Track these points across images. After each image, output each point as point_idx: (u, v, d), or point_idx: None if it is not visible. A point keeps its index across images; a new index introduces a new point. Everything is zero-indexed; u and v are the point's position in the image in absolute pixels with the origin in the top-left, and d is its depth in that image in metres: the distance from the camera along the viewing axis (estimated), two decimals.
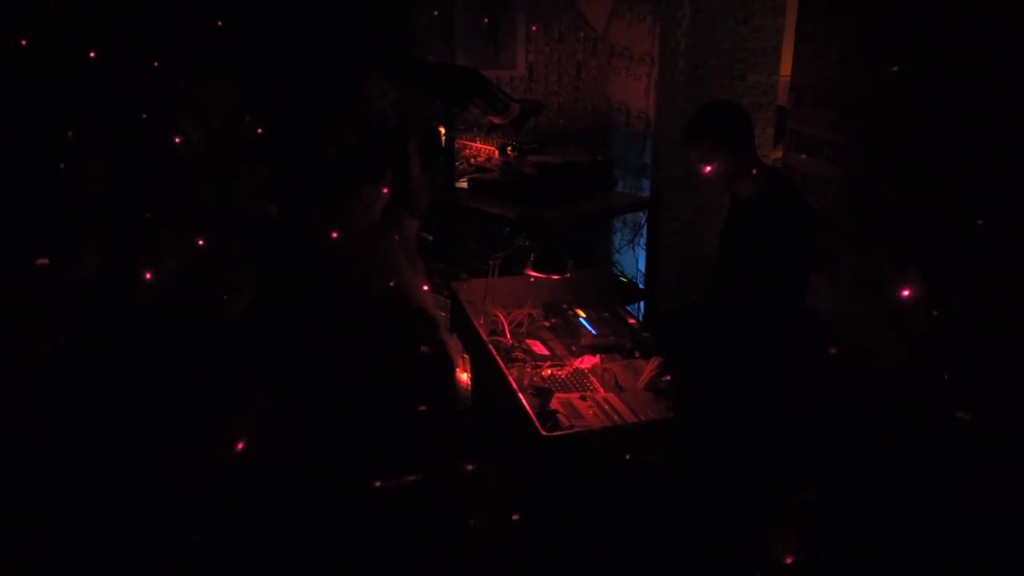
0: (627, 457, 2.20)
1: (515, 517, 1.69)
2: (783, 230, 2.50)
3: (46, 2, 2.83)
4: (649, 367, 2.62)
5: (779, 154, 3.68)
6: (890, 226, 2.64)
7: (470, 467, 1.84)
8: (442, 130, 3.64)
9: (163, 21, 2.93)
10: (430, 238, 3.32)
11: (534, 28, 4.35)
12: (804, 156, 3.07)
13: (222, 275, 2.42)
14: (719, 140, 2.58)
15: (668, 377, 2.54)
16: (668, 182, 3.95)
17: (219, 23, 3.18)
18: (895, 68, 2.51)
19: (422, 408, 1.74)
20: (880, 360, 2.64)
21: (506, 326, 2.93)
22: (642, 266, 4.03)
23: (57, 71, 2.63)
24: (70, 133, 2.39)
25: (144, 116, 2.60)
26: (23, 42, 2.68)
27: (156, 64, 2.81)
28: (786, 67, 3.59)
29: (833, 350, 2.60)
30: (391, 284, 3.02)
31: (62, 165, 2.23)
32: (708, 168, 2.60)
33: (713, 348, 2.55)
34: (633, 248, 4.22)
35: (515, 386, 2.53)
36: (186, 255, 2.37)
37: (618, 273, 4.11)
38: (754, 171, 2.61)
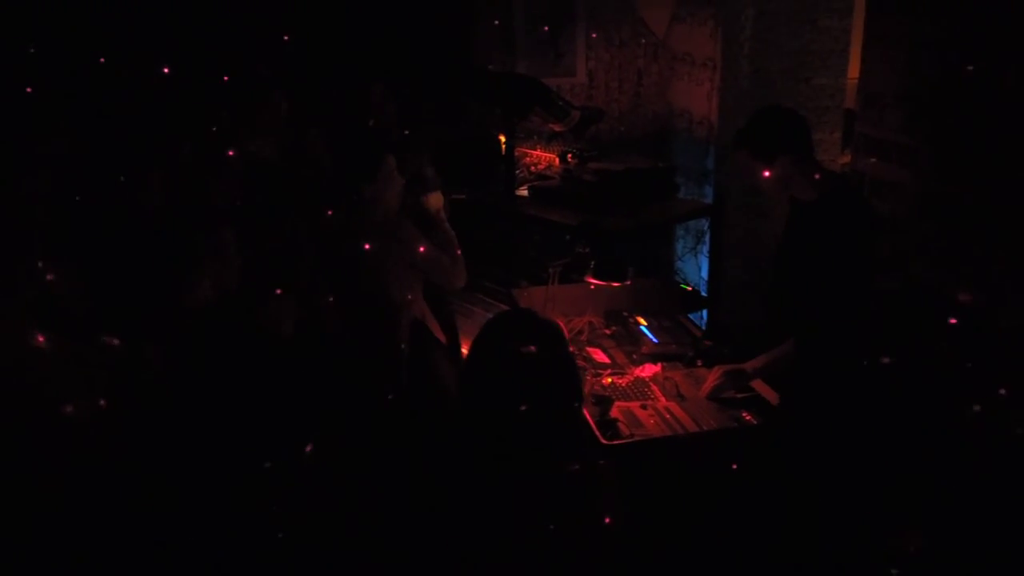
0: (734, 467, 2.17)
1: (607, 521, 1.69)
2: (844, 234, 2.44)
3: (125, 24, 2.95)
4: (712, 376, 2.57)
5: (847, 158, 3.58)
6: (963, 231, 2.54)
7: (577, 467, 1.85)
8: (502, 138, 3.66)
9: (225, 37, 3.03)
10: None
11: (594, 35, 4.34)
12: (873, 160, 2.98)
13: (287, 280, 2.47)
14: (773, 145, 2.53)
15: (734, 393, 2.51)
16: (731, 188, 3.89)
17: (285, 38, 3.27)
18: (969, 67, 2.42)
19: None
20: (947, 371, 2.54)
21: (567, 334, 2.92)
22: (705, 274, 3.97)
23: (136, 88, 2.76)
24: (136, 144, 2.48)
25: (204, 128, 2.68)
26: (101, 60, 2.80)
27: (224, 79, 2.90)
28: (854, 69, 3.50)
29: (892, 360, 2.51)
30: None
31: (123, 176, 2.32)
32: (766, 173, 2.55)
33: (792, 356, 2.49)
34: (695, 255, 4.16)
35: None
36: (245, 260, 2.43)
37: (680, 281, 4.06)
38: (816, 176, 2.56)
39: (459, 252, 2.90)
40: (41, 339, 1.80)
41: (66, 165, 2.22)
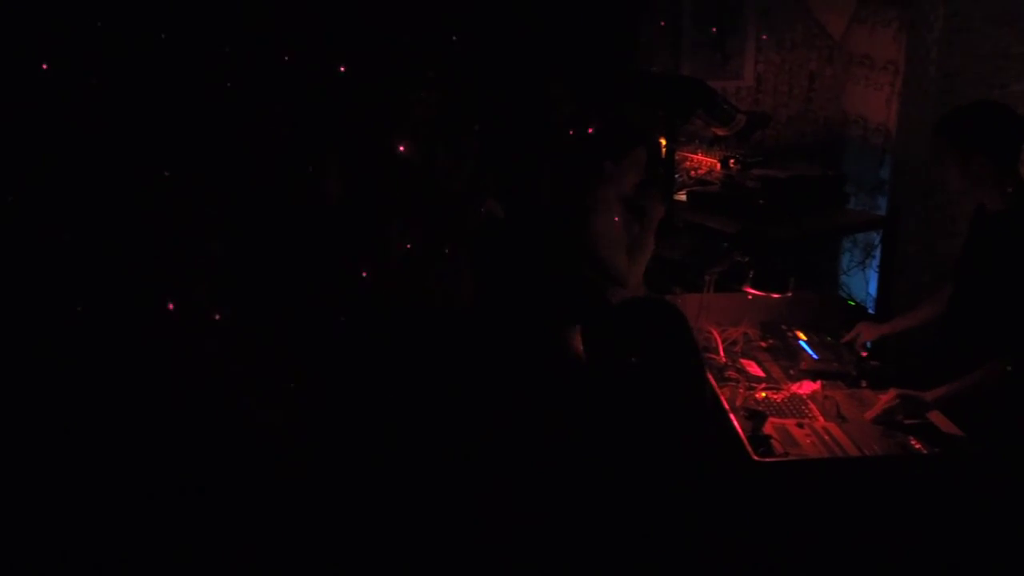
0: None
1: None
2: None
3: (300, 27, 3.14)
4: (884, 398, 2.40)
5: None
6: None
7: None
8: (663, 142, 3.60)
9: (390, 35, 3.15)
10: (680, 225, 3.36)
11: (764, 36, 4.19)
12: None
13: (441, 270, 2.56)
14: (974, 139, 2.33)
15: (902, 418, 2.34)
16: (908, 200, 3.64)
17: (453, 38, 3.36)
18: None
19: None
20: None
21: (720, 344, 2.84)
22: (873, 290, 3.74)
23: (312, 86, 2.92)
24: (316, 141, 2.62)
25: (370, 124, 2.80)
26: (286, 58, 2.98)
27: (386, 75, 3.02)
28: None
29: None
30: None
31: (311, 169, 2.45)
32: (960, 171, 2.36)
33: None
34: (864, 270, 3.94)
35: (727, 406, 2.43)
36: (407, 251, 2.52)
37: (845, 296, 3.85)
38: (1008, 189, 2.34)
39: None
40: (218, 317, 1.92)
41: (254, 159, 2.38)
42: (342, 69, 2.96)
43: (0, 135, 2.07)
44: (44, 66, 2.16)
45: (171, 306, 1.80)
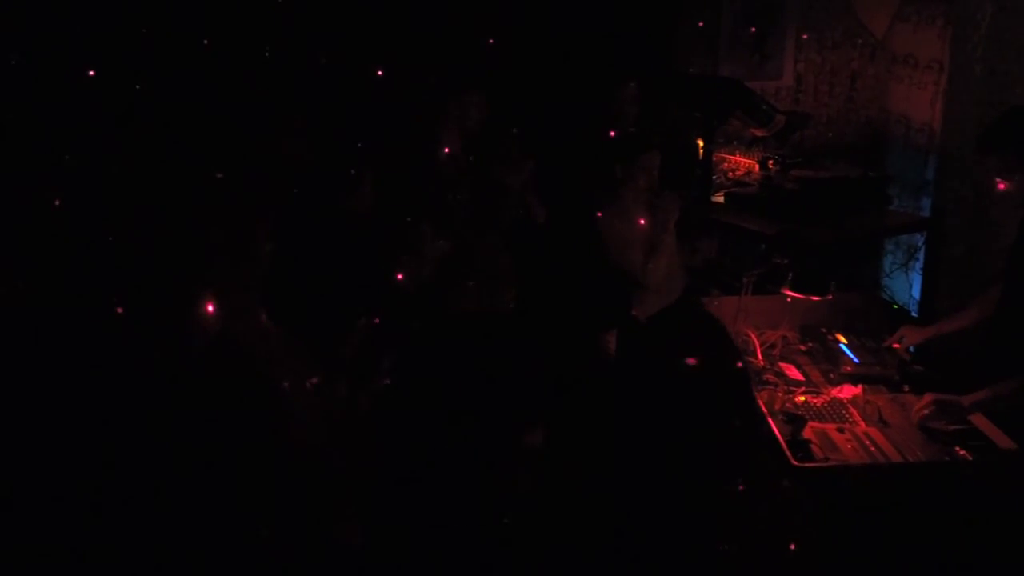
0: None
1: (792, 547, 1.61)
2: None
3: (348, 32, 3.18)
4: (922, 403, 2.36)
5: None
6: None
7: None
8: (700, 143, 3.57)
9: (433, 38, 3.18)
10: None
11: (804, 36, 4.13)
12: None
13: (480, 272, 2.56)
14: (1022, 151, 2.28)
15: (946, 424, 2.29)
16: (953, 201, 3.56)
17: (491, 41, 3.37)
18: None
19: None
20: None
21: (758, 347, 2.80)
22: (916, 292, 3.67)
23: (352, 88, 2.96)
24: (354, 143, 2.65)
25: (413, 126, 2.82)
26: (323, 59, 3.02)
27: (430, 78, 3.04)
28: None
29: None
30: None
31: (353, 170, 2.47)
32: (1005, 183, 2.31)
33: None
34: (907, 272, 3.86)
35: (765, 410, 2.40)
36: (444, 252, 2.53)
37: (887, 299, 3.78)
38: None
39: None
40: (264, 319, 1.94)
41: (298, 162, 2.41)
42: (379, 73, 3.00)
43: (55, 139, 2.12)
44: (91, 72, 2.22)
45: (211, 307, 1.82)
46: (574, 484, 1.92)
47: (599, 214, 2.94)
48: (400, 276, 2.39)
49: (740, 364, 1.72)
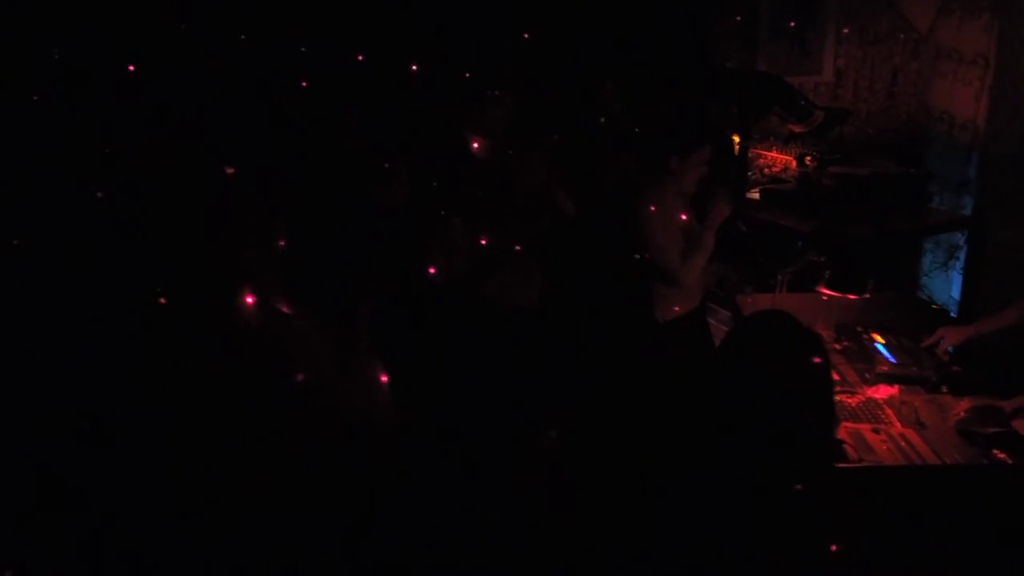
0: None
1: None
2: None
3: (388, 35, 3.20)
4: (961, 406, 2.31)
5: None
6: None
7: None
8: (736, 139, 3.53)
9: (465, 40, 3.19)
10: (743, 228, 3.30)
11: (846, 31, 4.06)
12: None
13: (509, 268, 2.57)
14: None
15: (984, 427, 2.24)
16: (996, 200, 3.48)
17: (525, 36, 3.37)
18: None
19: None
20: None
21: None
22: (956, 292, 3.59)
23: (389, 88, 2.99)
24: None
25: (443, 125, 2.84)
26: (359, 57, 3.05)
27: (465, 77, 3.06)
28: None
29: None
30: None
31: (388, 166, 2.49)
32: None
33: None
34: (947, 272, 3.78)
35: None
36: (474, 249, 2.54)
37: (926, 298, 3.71)
38: None
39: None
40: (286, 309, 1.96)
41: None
42: (414, 68, 3.01)
43: (88, 135, 2.17)
44: (131, 67, 2.26)
45: (250, 299, 1.84)
46: (622, 480, 1.92)
47: (651, 208, 2.94)
48: (432, 270, 2.40)
49: (819, 360, 1.69)
